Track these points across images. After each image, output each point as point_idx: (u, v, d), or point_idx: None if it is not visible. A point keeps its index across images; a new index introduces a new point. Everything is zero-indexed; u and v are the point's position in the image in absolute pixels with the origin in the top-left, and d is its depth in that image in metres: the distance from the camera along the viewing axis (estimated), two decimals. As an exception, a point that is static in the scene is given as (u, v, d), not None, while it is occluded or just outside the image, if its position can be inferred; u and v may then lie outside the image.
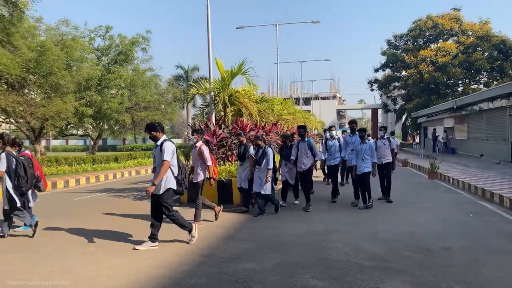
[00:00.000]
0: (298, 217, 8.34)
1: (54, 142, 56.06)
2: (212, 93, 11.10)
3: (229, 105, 10.89)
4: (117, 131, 27.46)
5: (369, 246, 6.10)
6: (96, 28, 23.63)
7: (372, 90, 47.99)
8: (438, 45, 38.65)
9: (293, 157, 9.20)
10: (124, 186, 14.23)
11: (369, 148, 9.06)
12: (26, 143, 49.20)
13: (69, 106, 17.79)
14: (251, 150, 8.61)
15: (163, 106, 27.88)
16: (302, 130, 9.42)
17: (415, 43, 40.84)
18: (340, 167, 12.93)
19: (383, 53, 42.27)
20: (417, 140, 43.77)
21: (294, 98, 39.40)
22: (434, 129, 31.70)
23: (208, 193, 9.02)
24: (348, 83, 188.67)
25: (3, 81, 16.01)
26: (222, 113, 11.81)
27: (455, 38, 38.66)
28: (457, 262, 5.31)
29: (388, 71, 46.23)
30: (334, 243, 6.27)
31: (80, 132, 29.23)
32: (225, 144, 10.53)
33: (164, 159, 5.85)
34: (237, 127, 10.70)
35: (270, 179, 8.30)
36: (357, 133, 11.27)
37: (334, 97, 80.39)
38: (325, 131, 12.29)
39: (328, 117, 64.25)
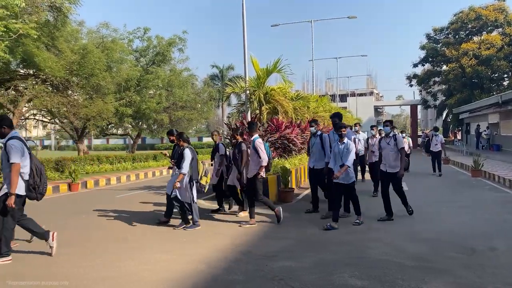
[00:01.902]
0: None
1: (96, 142, 58.15)
2: (248, 92, 11.15)
3: (264, 103, 10.90)
4: (155, 130, 28.13)
5: (410, 246, 5.95)
6: (135, 30, 24.27)
7: (411, 85, 46.65)
8: (482, 37, 36.98)
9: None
10: (163, 184, 14.55)
11: (345, 149, 7.20)
12: (70, 142, 51.35)
13: (109, 107, 18.39)
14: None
15: (199, 105, 28.27)
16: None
17: (457, 36, 39.29)
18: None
19: (422, 48, 40.94)
20: (458, 137, 42.14)
21: (330, 95, 38.90)
22: (478, 125, 30.41)
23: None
24: (386, 78, 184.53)
25: (49, 83, 16.73)
26: (257, 111, 11.84)
27: (500, 29, 36.84)
28: (504, 263, 5.09)
29: (427, 66, 44.74)
30: (373, 242, 6.15)
31: (120, 132, 30.19)
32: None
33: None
34: (272, 125, 10.71)
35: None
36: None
37: (371, 93, 78.70)
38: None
39: (365, 114, 62.95)
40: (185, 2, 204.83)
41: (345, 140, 7.15)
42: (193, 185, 7.17)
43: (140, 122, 25.69)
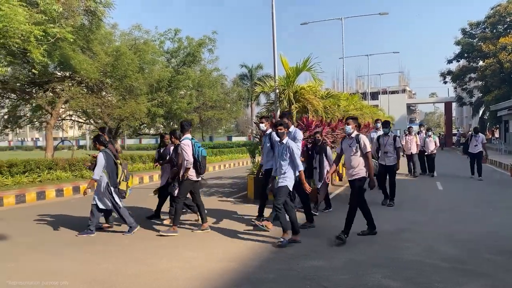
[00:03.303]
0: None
1: (129, 141, 59.57)
2: (277, 91, 11.12)
3: (294, 102, 10.83)
4: (185, 130, 28.52)
5: (444, 247, 5.78)
6: (166, 31, 24.69)
7: (445, 82, 45.26)
8: (521, 31, 35.43)
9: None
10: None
11: (284, 151, 6.21)
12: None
13: (142, 107, 18.80)
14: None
15: (229, 105, 28.49)
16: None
17: (494, 31, 37.77)
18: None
19: (457, 43, 39.62)
20: (496, 135, 40.55)
21: (361, 93, 38.21)
22: (517, 123, 29.17)
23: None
24: (419, 75, 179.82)
25: (84, 85, 17.31)
26: (287, 110, 11.79)
27: (541, 22, 35.19)
28: (547, 267, 4.86)
29: (463, 62, 43.26)
30: (406, 243, 6.02)
31: (152, 131, 30.81)
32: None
33: None
34: (302, 124, 10.62)
35: None
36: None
37: (403, 91, 76.89)
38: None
39: (397, 112, 61.54)
40: (215, 3, 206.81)
41: (284, 140, 6.23)
42: (111, 191, 6.84)
43: (171, 122, 26.13)
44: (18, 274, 4.96)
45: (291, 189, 6.24)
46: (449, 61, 42.22)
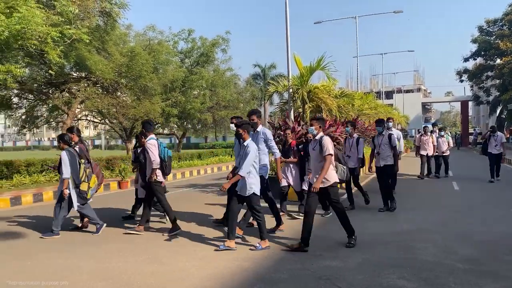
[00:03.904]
0: (381, 216, 8.04)
1: (143, 141, 59.99)
2: (291, 90, 11.11)
3: (308, 101, 10.82)
4: (199, 130, 28.69)
5: (462, 248, 5.69)
6: (179, 32, 24.81)
7: (462, 81, 44.50)
8: (540, 28, 34.66)
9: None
10: (208, 182, 14.84)
11: (243, 153, 5.82)
12: (119, 142, 53.41)
13: (156, 107, 18.93)
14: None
15: (242, 104, 28.52)
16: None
17: (512, 28, 37.07)
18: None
19: (474, 41, 38.95)
20: (514, 134, 39.71)
21: (375, 92, 37.87)
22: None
23: (291, 191, 9.03)
24: (434, 74, 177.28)
25: (99, 85, 17.49)
26: (300, 110, 11.77)
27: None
28: None
29: (479, 60, 42.51)
30: (422, 243, 5.94)
31: (166, 131, 31.03)
32: (304, 140, 10.45)
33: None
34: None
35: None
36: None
37: (418, 89, 75.98)
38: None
39: (412, 111, 60.84)
40: (228, 3, 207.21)
41: (246, 142, 5.83)
42: (73, 191, 6.76)
43: (185, 122, 26.27)
44: (34, 272, 5.04)
45: (258, 194, 5.88)
46: (466, 59, 41.56)
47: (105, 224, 7.01)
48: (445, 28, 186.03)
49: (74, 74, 17.46)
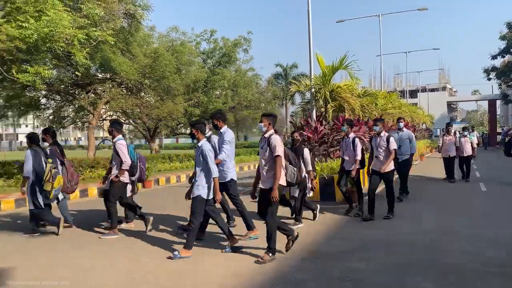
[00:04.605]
0: (406, 217, 7.90)
1: (166, 141, 60.86)
2: (313, 89, 11.05)
3: (330, 101, 10.74)
4: (221, 129, 28.82)
5: (489, 251, 5.53)
6: (202, 32, 25.04)
7: (489, 79, 43.17)
8: None
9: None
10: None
11: (199, 154, 5.60)
12: (142, 141, 54.35)
13: (179, 107, 19.16)
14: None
15: (263, 104, 28.54)
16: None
17: (543, 24, 35.77)
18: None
19: (503, 38, 37.76)
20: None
21: (399, 91, 37.29)
22: None
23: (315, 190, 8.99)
24: (460, 72, 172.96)
25: (124, 86, 17.82)
26: (322, 109, 11.70)
27: None
28: None
29: (508, 57, 41.22)
30: (448, 245, 5.81)
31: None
32: (326, 140, 10.42)
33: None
34: (338, 123, 10.51)
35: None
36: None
37: (444, 88, 74.34)
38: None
39: (437, 110, 59.55)
40: (249, 2, 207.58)
41: (200, 142, 5.63)
42: (35, 190, 6.72)
43: (208, 122, 26.47)
44: (52, 270, 5.16)
45: (205, 197, 5.55)
46: (494, 57, 40.33)
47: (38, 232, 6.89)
48: (472, 24, 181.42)
49: (100, 75, 17.84)
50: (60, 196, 7.25)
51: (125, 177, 6.78)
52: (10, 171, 13.24)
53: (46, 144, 7.42)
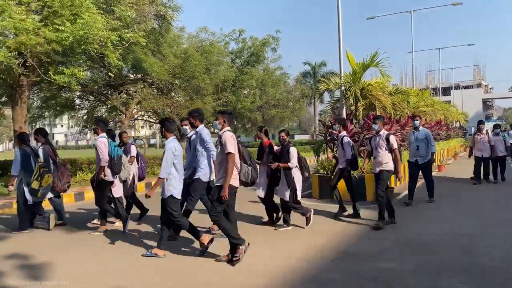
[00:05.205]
0: (439, 217, 7.69)
1: (195, 140, 61.51)
2: (343, 87, 10.92)
3: (360, 99, 10.58)
4: (249, 129, 28.96)
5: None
6: (230, 32, 25.20)
7: (528, 75, 41.50)
8: None
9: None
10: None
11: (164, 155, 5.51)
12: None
13: (208, 107, 19.34)
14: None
15: (291, 103, 28.42)
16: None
17: None
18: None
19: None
20: None
21: (431, 89, 36.24)
22: None
23: (340, 189, 8.88)
24: (496, 69, 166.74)
25: (154, 86, 18.17)
26: (353, 108, 11.54)
27: None
28: None
29: (548, 52, 39.46)
30: (486, 248, 5.61)
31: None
32: (357, 139, 10.26)
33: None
34: (369, 121, 10.32)
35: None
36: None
37: (478, 85, 71.96)
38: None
39: (472, 108, 57.80)
40: (278, 1, 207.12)
41: (167, 140, 5.58)
42: (23, 189, 6.92)
43: (235, 121, 26.62)
44: (68, 268, 5.31)
45: (178, 197, 5.50)
46: (533, 52, 38.70)
47: (27, 231, 7.03)
48: (509, 18, 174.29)
49: (131, 76, 18.24)
50: (48, 195, 7.37)
51: (108, 176, 6.79)
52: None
53: (39, 144, 7.56)
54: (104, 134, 6.88)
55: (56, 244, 6.32)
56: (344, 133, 8.01)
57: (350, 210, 7.80)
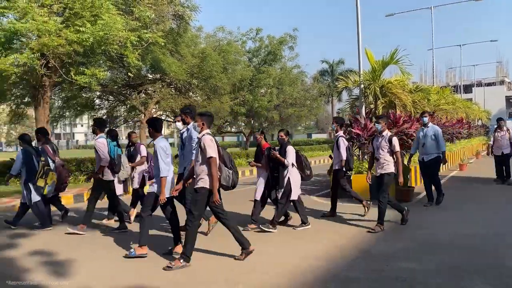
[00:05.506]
0: (459, 218, 7.55)
1: (212, 139, 61.84)
2: (362, 85, 10.80)
3: (380, 97, 10.45)
4: (266, 128, 28.94)
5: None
6: (248, 31, 25.25)
7: (553, 71, 40.31)
8: None
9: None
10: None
11: (154, 156, 5.65)
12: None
13: (225, 106, 19.44)
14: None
15: (309, 101, 28.28)
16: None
17: None
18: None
19: None
20: None
21: (452, 86, 35.59)
22: None
23: (361, 188, 8.80)
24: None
25: (173, 86, 18.35)
26: (372, 106, 11.40)
27: None
28: None
29: None
30: (508, 249, 5.48)
31: (234, 129, 31.72)
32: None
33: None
34: (389, 120, 10.19)
35: None
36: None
37: (501, 82, 70.25)
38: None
39: (494, 106, 56.43)
40: None
41: (155, 141, 5.57)
42: (30, 187, 7.05)
43: (252, 120, 26.64)
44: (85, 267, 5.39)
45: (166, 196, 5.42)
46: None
47: (50, 228, 7.18)
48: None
49: (150, 76, 18.45)
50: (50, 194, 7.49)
51: (107, 175, 6.86)
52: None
53: (39, 143, 7.68)
54: (102, 135, 6.96)
55: (73, 241, 6.42)
56: (340, 133, 7.87)
57: (371, 210, 7.68)
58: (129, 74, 14.09)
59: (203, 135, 5.06)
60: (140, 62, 11.54)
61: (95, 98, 19.11)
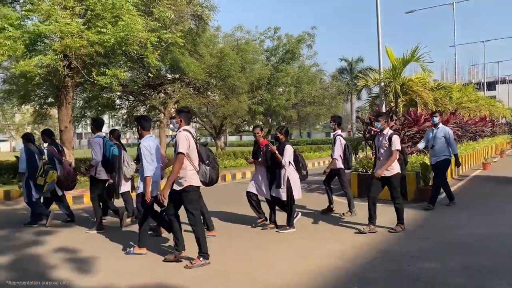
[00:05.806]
0: (481, 217, 7.38)
1: (231, 138, 62.06)
2: (382, 83, 10.66)
3: (401, 95, 10.31)
4: (284, 126, 28.89)
5: None
6: (265, 30, 25.24)
7: None
8: None
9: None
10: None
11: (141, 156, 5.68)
12: (208, 139, 56.13)
13: (244, 105, 19.48)
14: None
15: (327, 100, 28.09)
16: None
17: None
18: None
19: None
20: None
21: (475, 84, 34.78)
22: None
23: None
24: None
25: (191, 86, 18.48)
26: (392, 104, 11.25)
27: None
28: None
29: None
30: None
31: (252, 128, 31.80)
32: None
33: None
34: (410, 118, 10.04)
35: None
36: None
37: (526, 79, 68.15)
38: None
39: (518, 103, 54.87)
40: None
41: (142, 140, 5.59)
42: (30, 184, 7.17)
43: (270, 119, 26.62)
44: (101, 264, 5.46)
45: (153, 195, 5.43)
46: None
47: (36, 225, 7.32)
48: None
49: (169, 76, 18.63)
50: (59, 192, 7.67)
51: (101, 174, 6.92)
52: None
53: (46, 144, 7.84)
54: (99, 134, 7.03)
55: (96, 240, 6.54)
56: (338, 131, 7.74)
57: (388, 212, 7.58)
58: (149, 74, 14.25)
59: (180, 131, 5.03)
60: (159, 62, 11.65)
61: (116, 98, 19.39)
